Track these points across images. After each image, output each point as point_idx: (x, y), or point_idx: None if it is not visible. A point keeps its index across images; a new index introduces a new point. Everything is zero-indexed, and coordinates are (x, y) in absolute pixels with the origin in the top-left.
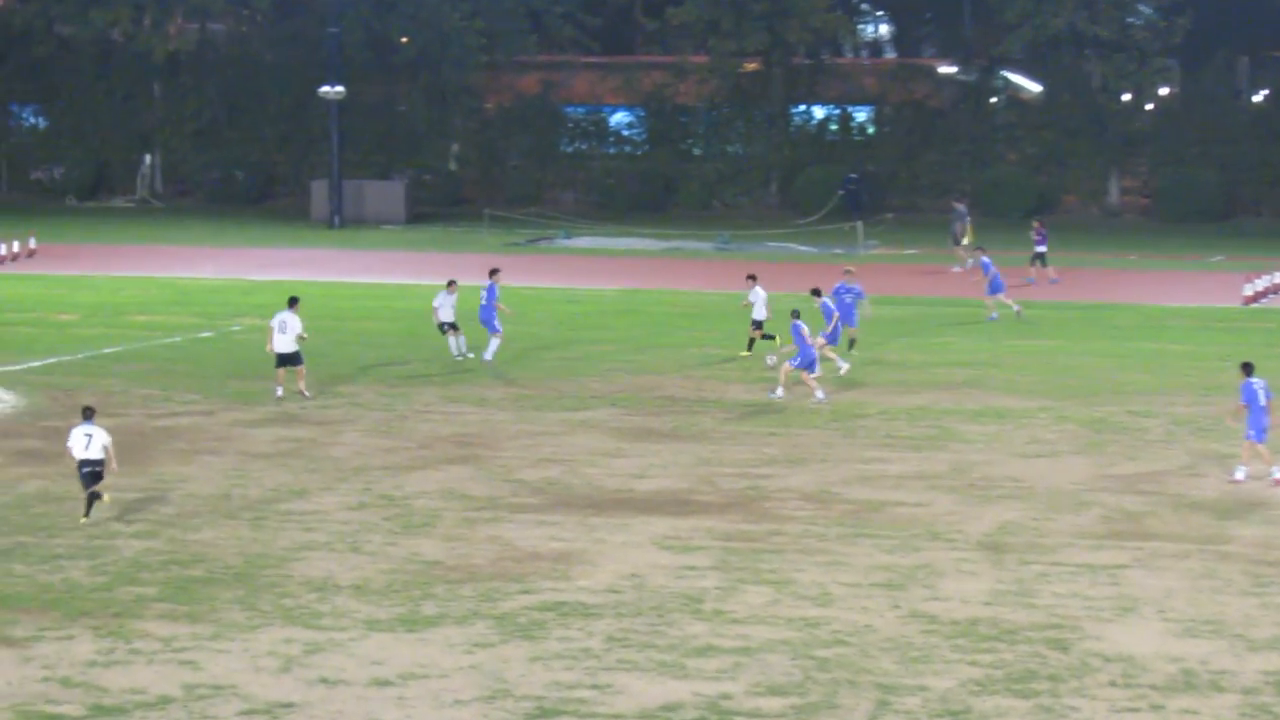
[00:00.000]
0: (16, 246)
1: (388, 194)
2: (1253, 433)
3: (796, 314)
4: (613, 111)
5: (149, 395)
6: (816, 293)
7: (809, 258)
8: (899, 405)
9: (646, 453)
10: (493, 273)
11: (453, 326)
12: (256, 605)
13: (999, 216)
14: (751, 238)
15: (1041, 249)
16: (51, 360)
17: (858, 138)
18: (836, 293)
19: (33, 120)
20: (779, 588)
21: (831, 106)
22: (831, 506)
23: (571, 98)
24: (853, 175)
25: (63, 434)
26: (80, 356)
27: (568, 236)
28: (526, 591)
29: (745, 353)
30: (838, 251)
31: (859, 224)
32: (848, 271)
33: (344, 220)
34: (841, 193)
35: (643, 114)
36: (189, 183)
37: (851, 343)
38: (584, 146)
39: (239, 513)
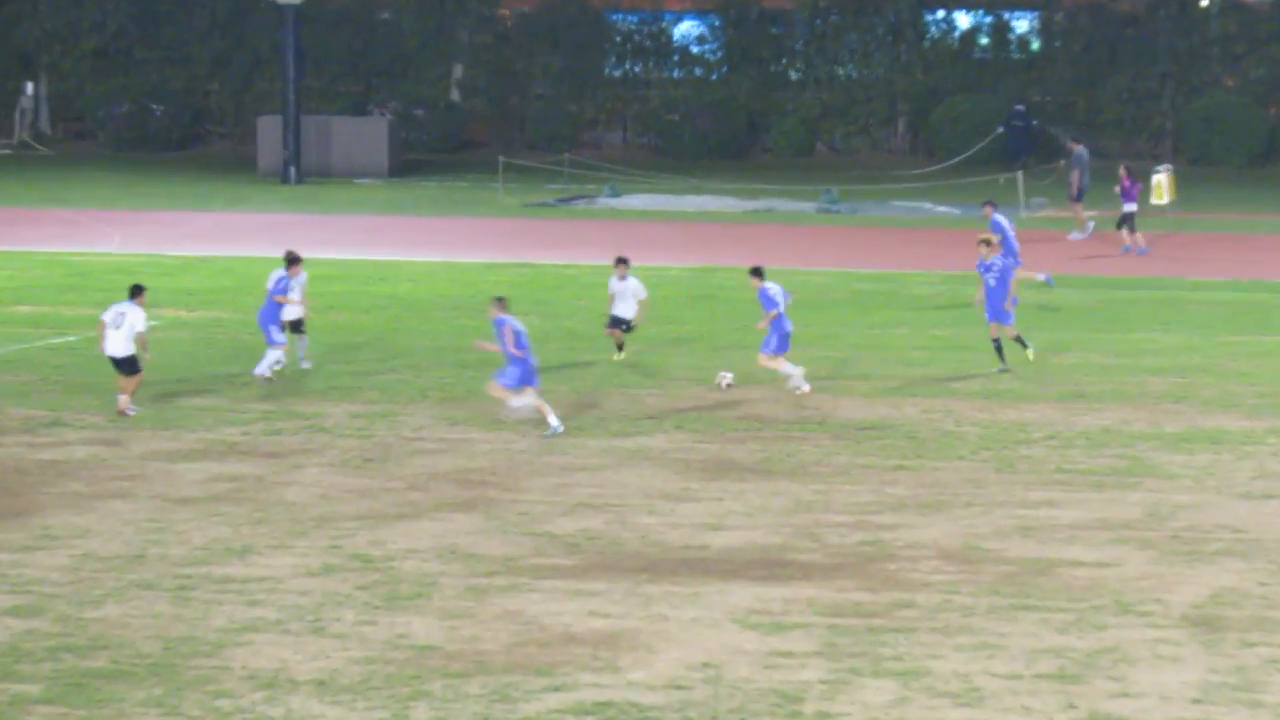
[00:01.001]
0: None
1: (364, 136)
2: None
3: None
4: (677, 20)
5: (31, 417)
6: (758, 273)
7: (950, 222)
8: (1074, 427)
9: (724, 494)
10: (291, 262)
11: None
12: (180, 709)
13: (1213, 164)
14: (869, 195)
15: (1130, 207)
16: None
17: (1017, 55)
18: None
19: None
20: (907, 681)
21: (980, 13)
22: (980, 568)
23: (620, 1)
24: (1019, 108)
25: None
26: None
27: (614, 194)
28: (557, 689)
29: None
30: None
31: (1019, 176)
32: (984, 243)
33: (303, 172)
34: (1003, 130)
35: (718, 23)
36: (87, 120)
37: (1022, 342)
38: (637, 69)
39: (157, 581)
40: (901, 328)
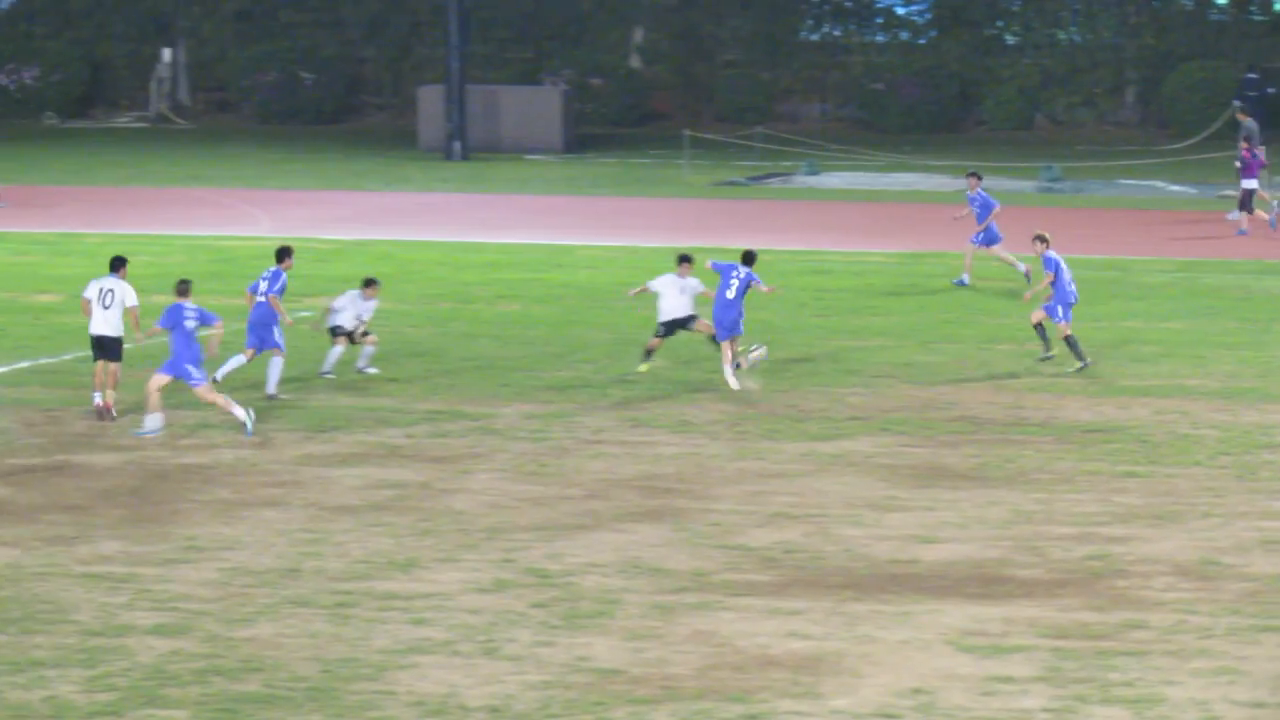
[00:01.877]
0: None
1: (536, 107)
2: None
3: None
4: None
5: (174, 418)
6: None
7: (1186, 203)
8: None
9: (936, 504)
10: (283, 255)
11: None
12: None
13: None
14: (1094, 172)
15: (1250, 184)
16: (23, 365)
17: (1259, 18)
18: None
19: None
20: (1139, 709)
21: None
22: (1220, 585)
23: None
24: (1252, 75)
25: (40, 476)
26: (67, 358)
27: (812, 171)
28: (753, 717)
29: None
30: (1228, 193)
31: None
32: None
33: (468, 148)
34: (1237, 103)
35: None
36: (230, 91)
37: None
38: (837, 33)
39: (313, 597)
40: (1131, 320)
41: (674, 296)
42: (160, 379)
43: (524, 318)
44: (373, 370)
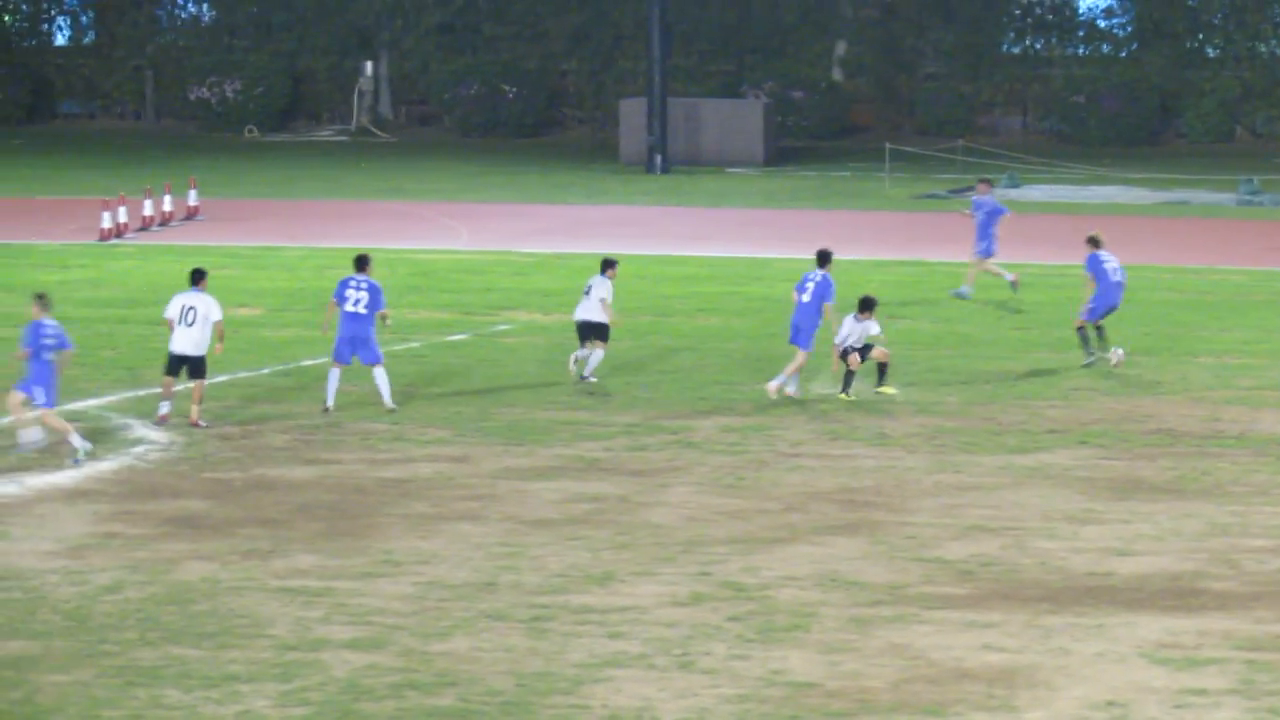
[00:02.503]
0: (169, 203)
1: (738, 120)
2: None
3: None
4: None
5: (371, 431)
6: (609, 264)
7: None
8: None
9: (1133, 516)
10: (362, 263)
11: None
12: None
13: None
14: None
15: None
16: (221, 379)
17: None
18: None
19: (194, 10)
20: None
21: None
22: None
23: None
24: None
25: (237, 490)
26: (265, 371)
27: (1013, 184)
28: None
29: None
30: None
31: None
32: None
33: (669, 161)
34: None
35: None
36: (432, 103)
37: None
38: (1038, 46)
39: (509, 611)
40: None
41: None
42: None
43: (723, 331)
44: (593, 379)
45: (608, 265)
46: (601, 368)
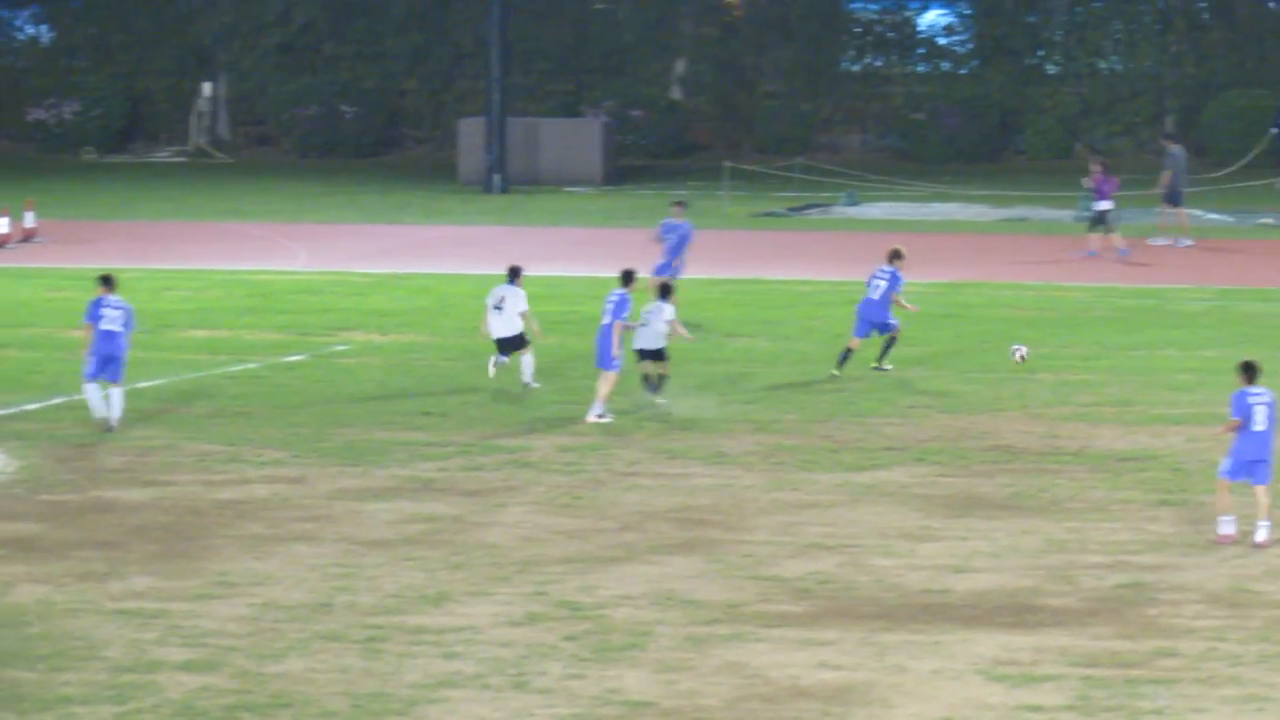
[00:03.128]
0: (5, 225)
1: (577, 139)
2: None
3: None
4: (923, 8)
5: (207, 453)
6: (515, 273)
7: (1223, 231)
8: None
9: (970, 533)
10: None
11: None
12: None
13: None
14: (1135, 201)
15: (1104, 205)
16: (58, 400)
17: None
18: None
19: (31, 30)
20: None
21: None
22: (1250, 613)
23: None
24: None
25: (73, 512)
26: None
27: (852, 202)
28: None
29: None
30: (1266, 221)
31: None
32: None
33: (508, 180)
34: (1275, 130)
35: (968, 12)
36: (270, 124)
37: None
38: (878, 63)
39: (344, 632)
40: (1167, 348)
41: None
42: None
43: (560, 350)
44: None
45: (515, 274)
46: (436, 387)
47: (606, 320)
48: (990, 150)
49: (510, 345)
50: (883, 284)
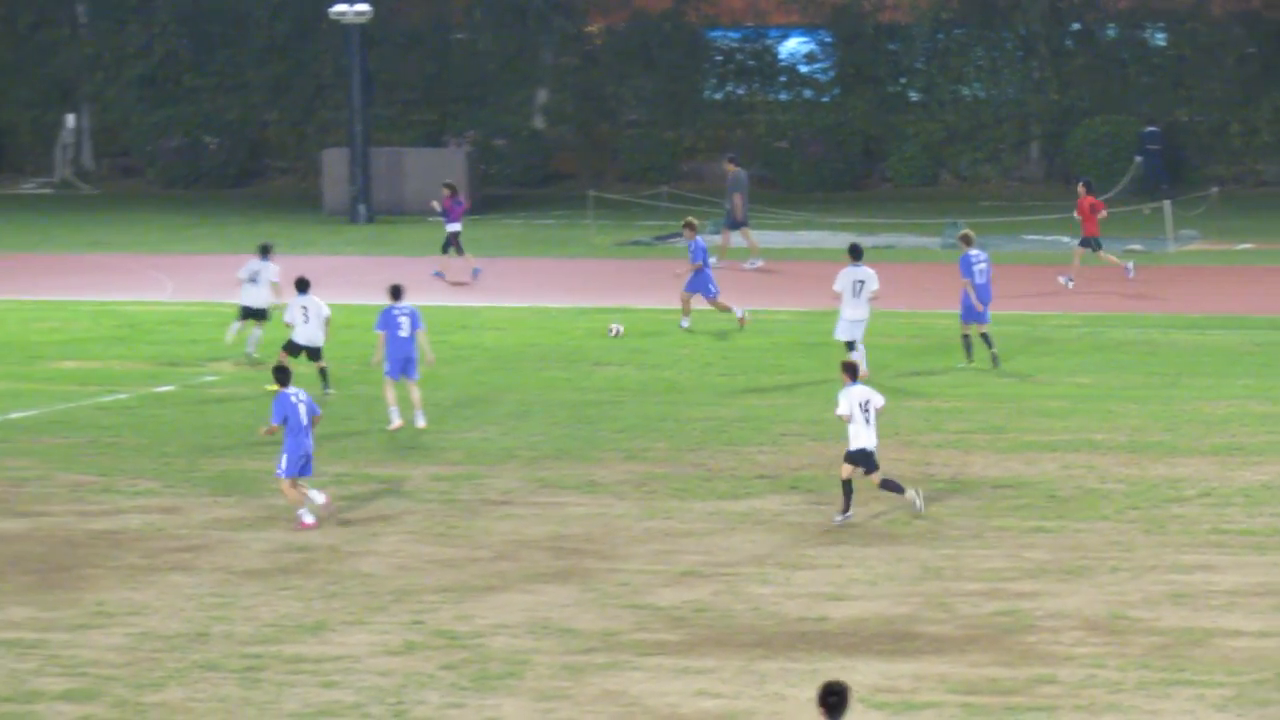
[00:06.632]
0: None
1: (441, 169)
2: None
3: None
4: (783, 36)
5: (80, 483)
6: (396, 292)
7: (1091, 260)
8: (1231, 484)
9: (846, 561)
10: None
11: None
12: None
13: None
14: (1000, 229)
15: (453, 227)
16: None
17: (1162, 68)
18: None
19: None
20: None
21: (1120, 25)
22: (1129, 639)
23: (721, 15)
24: (1151, 128)
25: None
26: None
27: (717, 230)
28: None
29: None
30: (1134, 247)
31: (1166, 205)
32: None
33: (373, 210)
34: (1139, 158)
35: (829, 39)
36: (134, 155)
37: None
38: (740, 91)
39: (222, 661)
40: (1038, 374)
41: None
42: None
43: (431, 379)
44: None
45: (266, 251)
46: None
47: (405, 334)
48: (855, 178)
49: (256, 316)
50: (985, 265)
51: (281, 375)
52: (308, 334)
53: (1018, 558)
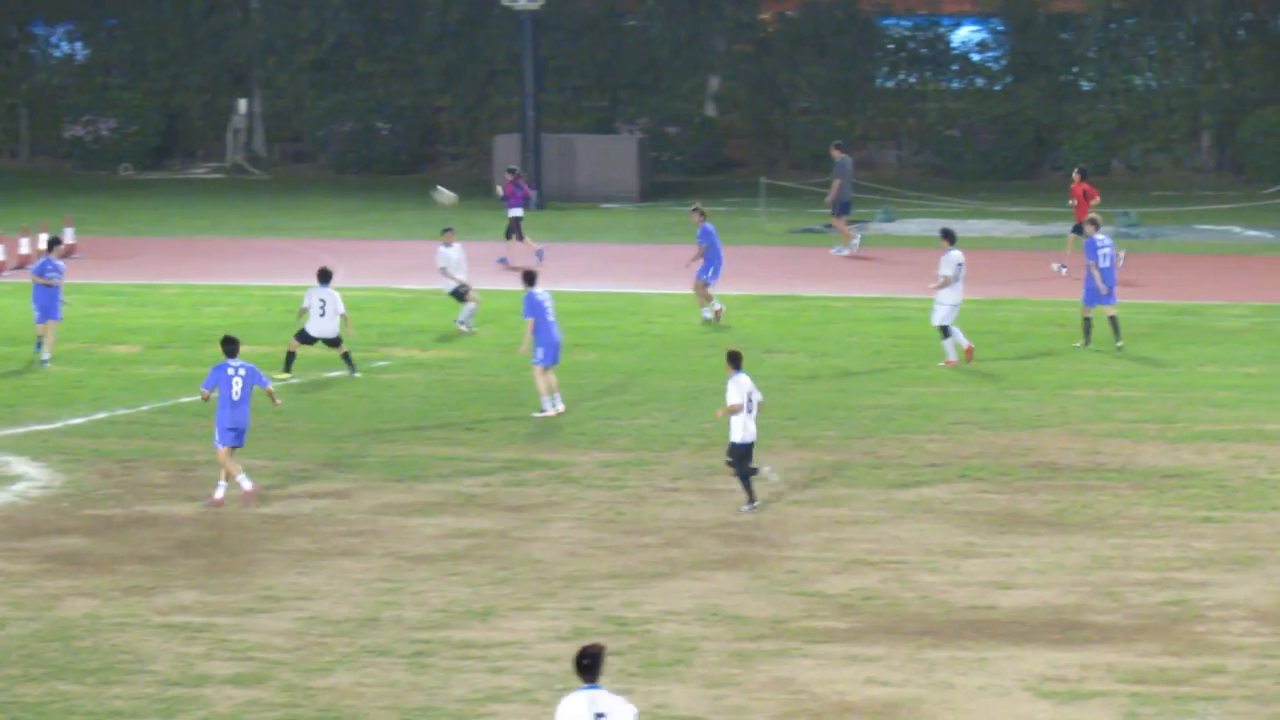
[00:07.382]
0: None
1: (612, 156)
2: None
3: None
4: (956, 24)
5: (251, 468)
6: (530, 278)
7: (1262, 248)
8: None
9: (1014, 550)
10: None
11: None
12: None
13: None
14: (1171, 218)
15: (515, 212)
16: (100, 416)
17: None
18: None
19: (67, 48)
20: None
21: None
22: None
23: (893, 3)
24: None
25: (118, 526)
26: (144, 408)
27: (888, 218)
28: None
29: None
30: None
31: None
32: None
33: (544, 196)
34: None
35: (1001, 28)
36: (306, 141)
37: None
38: (912, 80)
39: (391, 646)
40: (1207, 365)
41: None
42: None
43: (600, 366)
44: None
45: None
46: (478, 403)
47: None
48: (1025, 167)
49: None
50: (1109, 249)
51: (229, 346)
52: (320, 326)
53: (1186, 547)
